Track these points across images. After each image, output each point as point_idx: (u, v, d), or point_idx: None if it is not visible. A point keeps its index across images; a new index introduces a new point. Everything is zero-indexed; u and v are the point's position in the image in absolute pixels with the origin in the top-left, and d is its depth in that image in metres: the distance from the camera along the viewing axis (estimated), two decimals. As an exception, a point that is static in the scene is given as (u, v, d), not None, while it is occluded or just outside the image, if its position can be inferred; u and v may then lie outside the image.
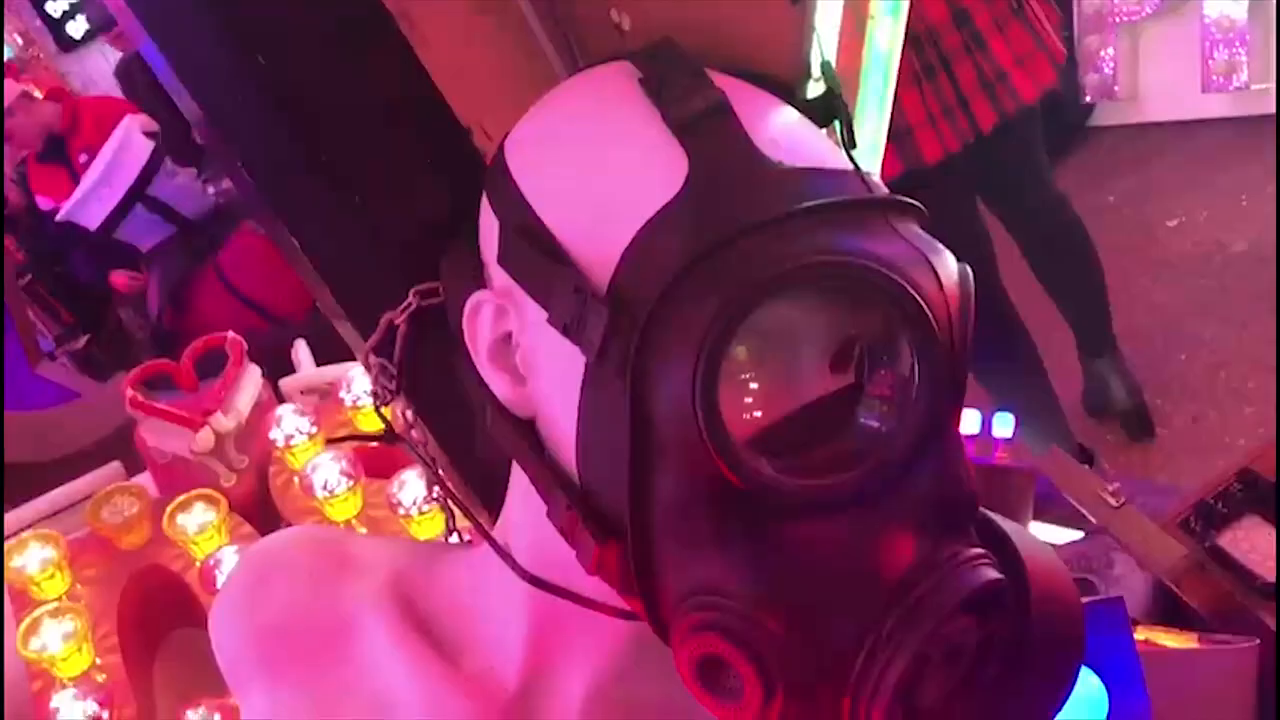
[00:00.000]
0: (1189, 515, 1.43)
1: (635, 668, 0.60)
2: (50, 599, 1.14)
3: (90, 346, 3.13)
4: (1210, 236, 2.92)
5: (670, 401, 0.47)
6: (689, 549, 0.48)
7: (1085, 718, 0.75)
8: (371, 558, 0.68)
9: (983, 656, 0.48)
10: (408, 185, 0.68)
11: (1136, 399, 2.44)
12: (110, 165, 2.51)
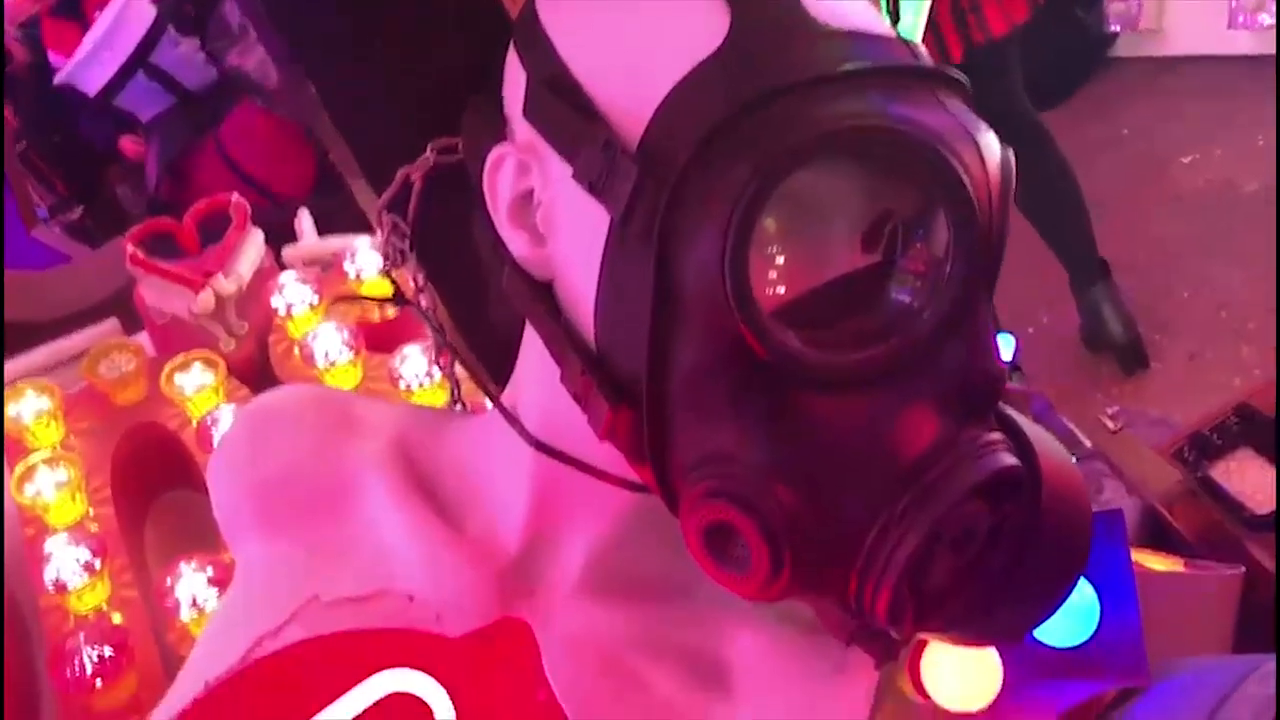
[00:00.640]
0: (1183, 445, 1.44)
1: (635, 540, 0.59)
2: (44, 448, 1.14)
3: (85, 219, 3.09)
4: (1223, 175, 2.88)
5: (697, 265, 0.45)
6: (705, 417, 0.47)
7: (1076, 624, 0.75)
8: (375, 418, 0.67)
9: (991, 544, 0.48)
10: (430, 37, 0.65)
11: (1131, 331, 2.43)
12: (112, 27, 2.45)
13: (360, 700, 0.60)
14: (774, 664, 0.56)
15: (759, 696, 0.55)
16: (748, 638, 0.57)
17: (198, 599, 0.92)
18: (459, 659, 0.60)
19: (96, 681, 0.89)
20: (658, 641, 0.57)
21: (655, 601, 0.59)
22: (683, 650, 0.57)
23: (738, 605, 0.59)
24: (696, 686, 0.56)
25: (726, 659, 0.57)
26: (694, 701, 0.55)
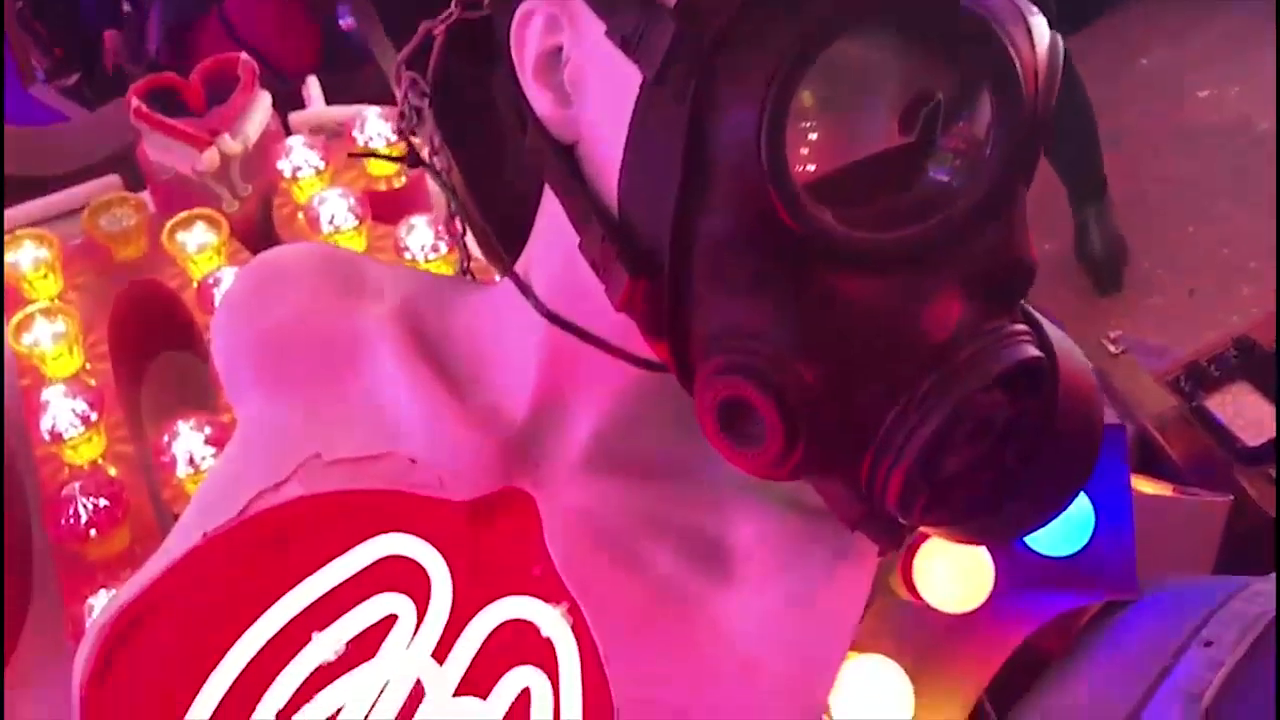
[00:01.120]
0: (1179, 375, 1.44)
1: (642, 418, 0.58)
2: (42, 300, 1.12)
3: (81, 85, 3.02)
4: (1238, 112, 2.84)
5: (732, 131, 0.43)
6: (728, 290, 0.46)
7: (1071, 535, 0.75)
8: (383, 281, 0.65)
9: (1006, 437, 0.47)
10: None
11: (1113, 252, 2.43)
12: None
13: (356, 562, 0.60)
14: (775, 548, 0.55)
15: (759, 580, 0.55)
16: (750, 522, 0.56)
17: (194, 457, 0.92)
18: (459, 525, 0.59)
19: (91, 531, 0.89)
20: (660, 521, 0.57)
21: (659, 481, 0.58)
22: (684, 531, 0.56)
23: (741, 489, 0.58)
24: (697, 568, 0.55)
25: (728, 542, 0.56)
26: (694, 582, 0.55)
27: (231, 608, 0.59)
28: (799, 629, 0.54)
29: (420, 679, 0.57)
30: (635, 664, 0.53)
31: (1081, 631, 0.75)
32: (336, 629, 0.59)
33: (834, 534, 0.55)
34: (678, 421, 0.58)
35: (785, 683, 0.54)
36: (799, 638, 0.54)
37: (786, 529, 0.56)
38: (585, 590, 0.54)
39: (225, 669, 0.58)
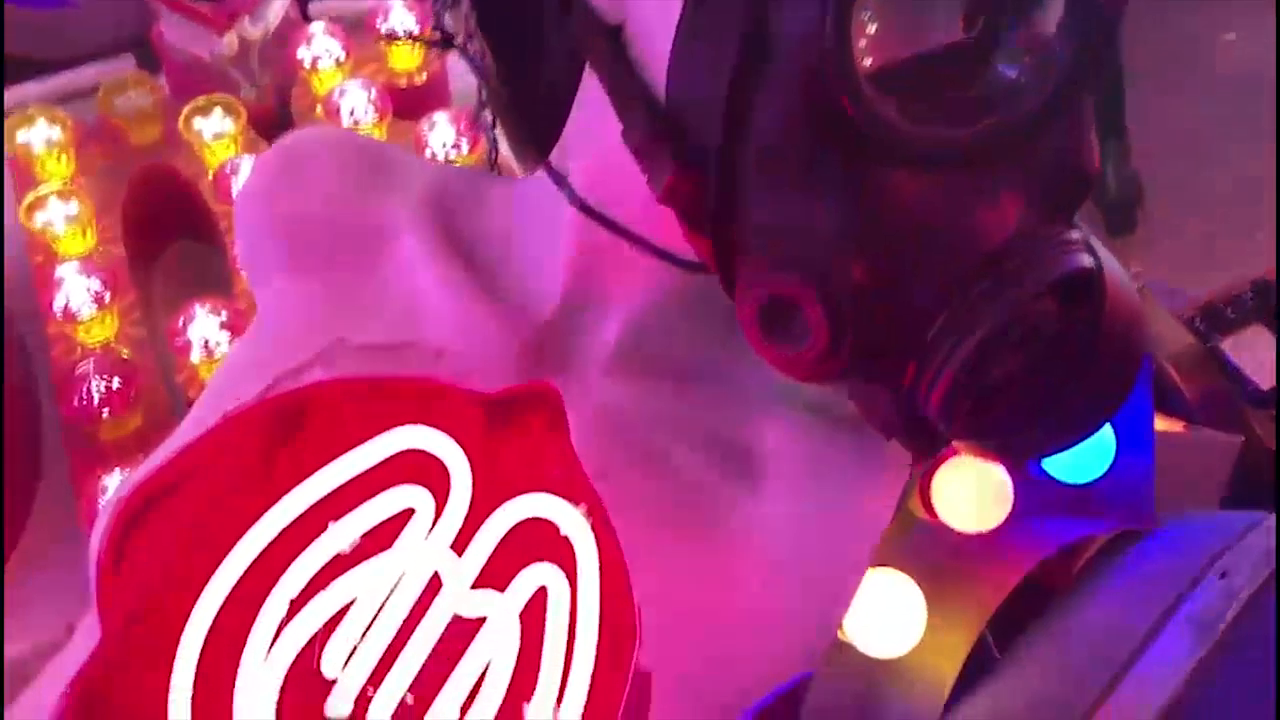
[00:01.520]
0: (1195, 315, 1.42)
1: (674, 320, 0.57)
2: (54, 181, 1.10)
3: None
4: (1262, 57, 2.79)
5: (794, 13, 0.41)
6: (779, 184, 0.44)
7: (1090, 461, 0.74)
8: (409, 171, 0.63)
9: (1053, 348, 0.46)
10: None
11: (1127, 193, 2.40)
12: None
13: (375, 453, 0.59)
14: (803, 455, 0.54)
15: (786, 486, 0.54)
16: (779, 429, 0.55)
17: (210, 342, 0.91)
18: (482, 419, 0.58)
19: (104, 412, 0.88)
20: (688, 425, 0.56)
21: (687, 384, 0.57)
22: (713, 436, 0.55)
23: (771, 396, 0.57)
24: (723, 472, 0.54)
25: (756, 449, 0.55)
26: (720, 486, 0.54)
27: (248, 492, 0.58)
28: (824, 536, 0.53)
29: (438, 571, 0.57)
30: (658, 565, 0.52)
31: (1092, 561, 0.74)
32: (353, 520, 0.58)
33: (864, 443, 0.54)
34: (710, 325, 0.56)
35: (808, 589, 0.53)
36: (824, 545, 0.53)
37: (816, 436, 0.55)
38: (610, 489, 0.53)
39: (239, 555, 0.57)
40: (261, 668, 0.56)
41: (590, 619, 0.55)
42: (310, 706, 0.55)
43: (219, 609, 0.56)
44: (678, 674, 0.51)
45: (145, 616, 0.55)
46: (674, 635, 0.51)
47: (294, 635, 0.56)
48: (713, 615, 0.52)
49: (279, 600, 0.57)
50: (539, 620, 0.56)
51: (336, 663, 0.56)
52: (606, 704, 0.51)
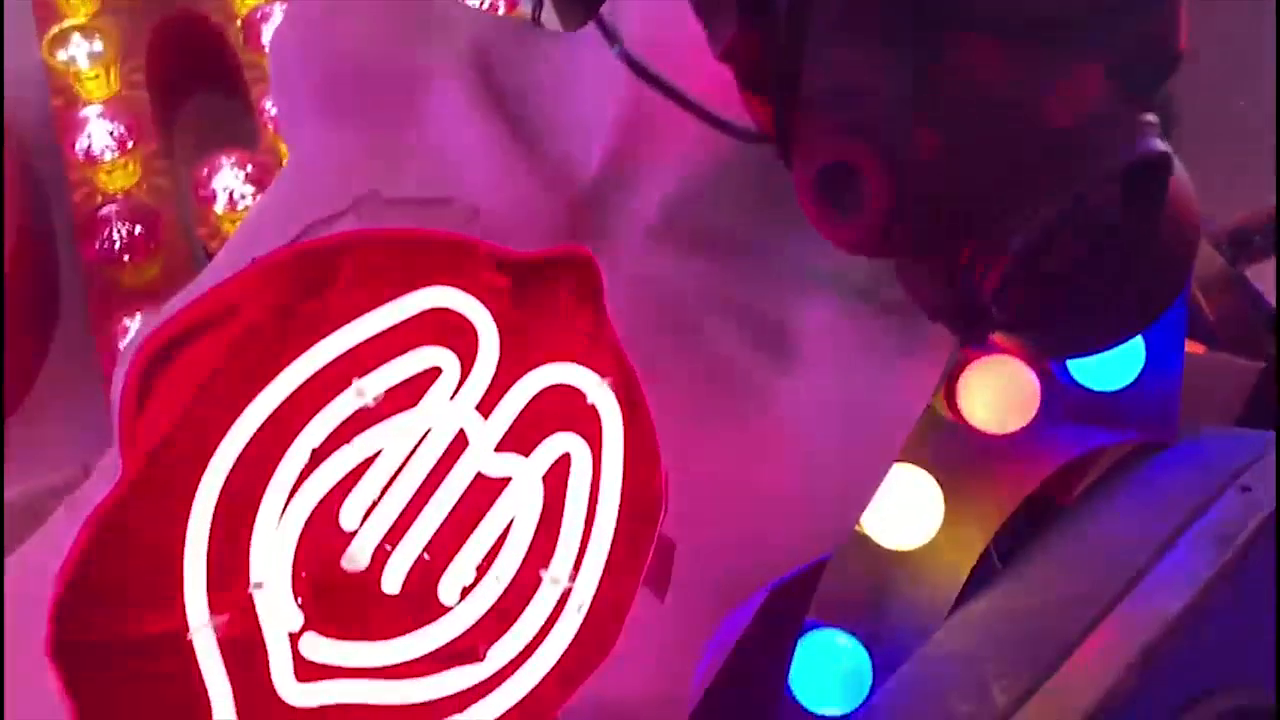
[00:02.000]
0: (1221, 241, 1.40)
1: (716, 191, 0.55)
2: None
3: None
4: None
5: None
6: (849, 44, 0.41)
7: (1119, 370, 0.73)
8: (454, 19, 0.61)
9: (1113, 239, 0.44)
10: None
11: (1162, 114, 2.34)
12: None
13: (403, 310, 0.57)
14: (842, 337, 0.53)
15: (822, 368, 0.52)
16: (819, 310, 0.54)
17: (234, 194, 0.88)
18: (515, 281, 0.56)
19: (125, 257, 0.86)
20: (725, 299, 0.54)
21: (728, 258, 0.55)
22: (750, 313, 0.54)
23: (813, 277, 0.55)
24: (759, 350, 0.53)
25: (793, 328, 0.54)
26: (754, 363, 0.53)
27: (274, 341, 0.57)
28: (857, 421, 0.52)
29: (463, 430, 0.56)
30: (688, 437, 0.51)
31: (1111, 471, 0.74)
32: (378, 376, 0.57)
33: (904, 329, 0.53)
34: (755, 199, 0.54)
35: (836, 473, 0.52)
36: (856, 430, 0.52)
37: (855, 319, 0.53)
38: (643, 359, 0.52)
39: (263, 402, 0.56)
40: (280, 516, 0.55)
41: (612, 489, 0.54)
42: (327, 557, 0.55)
43: (240, 454, 0.55)
44: (699, 546, 0.50)
45: (167, 456, 0.55)
46: (700, 508, 0.50)
47: (314, 486, 0.55)
48: (739, 492, 0.51)
49: (300, 450, 0.56)
50: (561, 487, 0.56)
51: (355, 516, 0.56)
52: (627, 571, 0.51)
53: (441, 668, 0.54)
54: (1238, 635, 0.61)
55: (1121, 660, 0.57)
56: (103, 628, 0.53)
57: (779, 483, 0.51)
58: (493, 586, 0.54)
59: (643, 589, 0.49)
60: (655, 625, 0.49)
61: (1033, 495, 0.69)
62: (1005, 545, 0.71)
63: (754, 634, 0.57)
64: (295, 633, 0.54)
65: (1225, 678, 0.60)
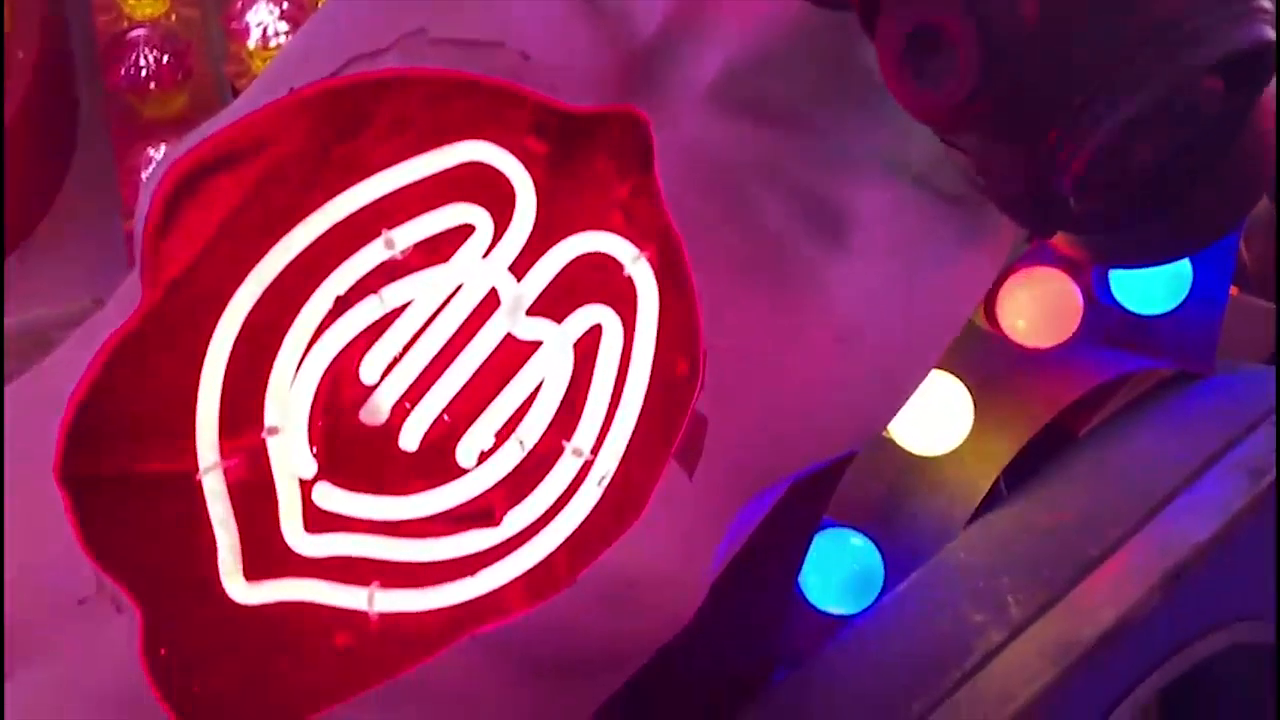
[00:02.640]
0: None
1: (782, 60, 0.51)
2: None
3: None
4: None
5: None
6: None
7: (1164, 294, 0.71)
8: None
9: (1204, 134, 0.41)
10: None
11: None
12: None
13: (440, 162, 0.54)
14: (899, 222, 0.50)
15: (875, 252, 0.50)
16: (876, 194, 0.51)
17: (268, 30, 0.84)
18: (561, 140, 0.54)
19: (151, 84, 0.83)
20: (779, 173, 0.51)
21: (787, 131, 0.52)
22: (805, 191, 0.51)
23: (873, 159, 0.52)
24: (810, 228, 0.50)
25: (848, 210, 0.51)
26: (804, 242, 0.50)
27: (303, 181, 0.54)
28: (904, 315, 0.50)
29: (495, 289, 0.54)
30: (728, 313, 0.48)
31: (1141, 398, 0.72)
32: (409, 228, 0.55)
33: (966, 221, 0.50)
34: (822, 72, 0.51)
35: (879, 365, 0.50)
36: (902, 324, 0.50)
37: (915, 205, 0.51)
38: (690, 228, 0.49)
39: (290, 241, 0.53)
40: (299, 362, 0.53)
41: (643, 364, 0.52)
42: (345, 408, 0.54)
43: (260, 296, 0.53)
44: (731, 427, 0.48)
45: (186, 290, 0.52)
46: (736, 388, 0.48)
47: (337, 334, 0.53)
48: (778, 375, 0.49)
49: (324, 297, 0.54)
50: (590, 359, 0.54)
51: (376, 369, 0.54)
52: (654, 446, 0.49)
53: (455, 529, 0.53)
54: (1261, 570, 0.60)
55: (1143, 582, 0.56)
56: (111, 463, 0.51)
57: (818, 370, 0.49)
58: (513, 452, 0.52)
59: (671, 464, 0.47)
60: (679, 502, 0.47)
61: (1049, 423, 0.68)
62: (1011, 474, 0.69)
63: (769, 528, 0.56)
64: (308, 480, 0.53)
65: (1244, 611, 0.59)
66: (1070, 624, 0.55)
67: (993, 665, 0.54)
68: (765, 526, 0.56)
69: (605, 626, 0.46)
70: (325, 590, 0.52)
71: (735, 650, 0.62)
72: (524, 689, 0.48)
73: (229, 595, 0.51)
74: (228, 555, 0.52)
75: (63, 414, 0.49)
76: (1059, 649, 0.54)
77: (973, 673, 0.54)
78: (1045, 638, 0.55)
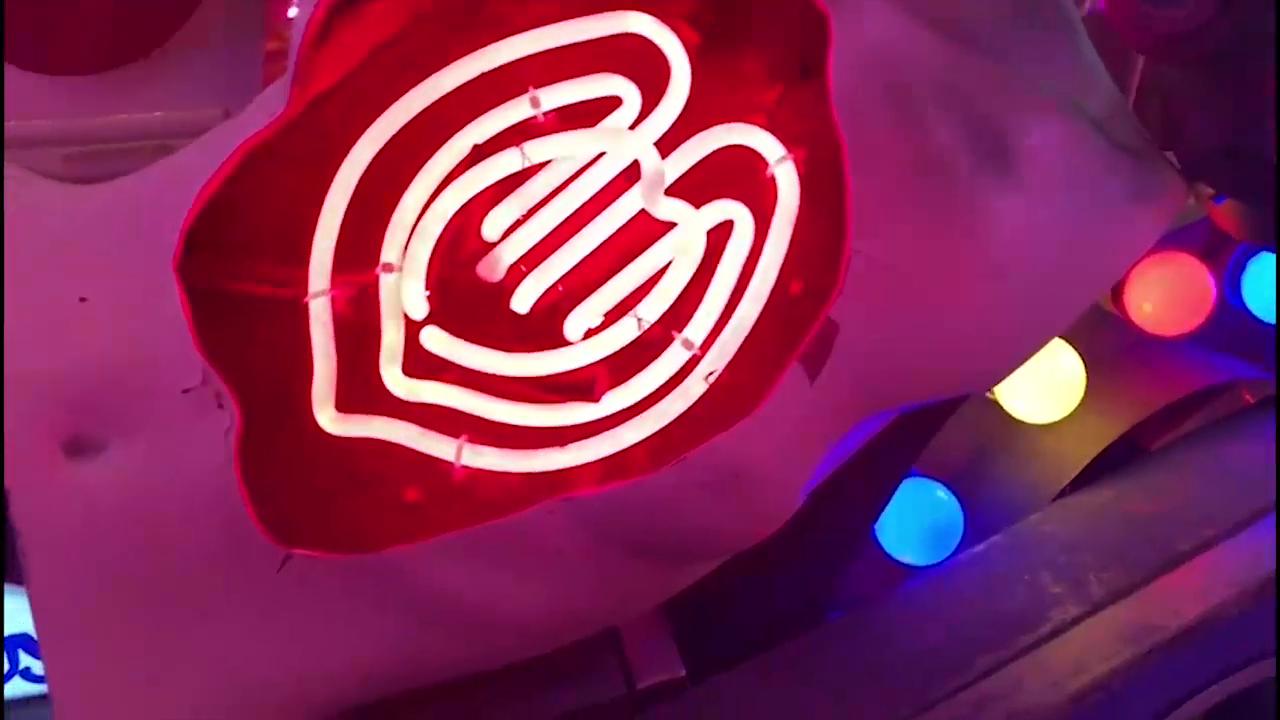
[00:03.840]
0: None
1: None
2: None
3: None
4: None
5: None
6: None
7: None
8: None
9: None
10: None
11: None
12: None
13: (597, 28, 0.53)
14: (1070, 164, 0.48)
15: (1041, 190, 0.48)
16: (1050, 130, 0.49)
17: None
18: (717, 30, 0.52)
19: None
20: (956, 95, 0.49)
21: (966, 50, 0.49)
22: (979, 114, 0.49)
23: (1052, 94, 0.50)
24: (978, 154, 0.48)
25: (1020, 143, 0.48)
26: (970, 166, 0.48)
27: (457, 23, 0.52)
28: (1064, 256, 0.48)
29: (638, 162, 0.52)
30: (884, 220, 0.47)
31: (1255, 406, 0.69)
32: (557, 90, 0.53)
33: (1138, 172, 0.48)
34: (1011, 1, 0.49)
35: (1025, 303, 0.48)
36: (1060, 267, 0.48)
37: (1088, 148, 0.48)
38: (855, 130, 0.47)
39: (435, 83, 0.52)
40: (425, 204, 0.52)
41: (768, 272, 0.51)
42: (464, 259, 0.53)
43: (399, 129, 0.52)
44: (861, 341, 0.47)
45: (328, 106, 0.51)
46: (873, 301, 0.47)
47: (469, 181, 0.52)
48: (920, 297, 0.47)
49: (461, 143, 0.52)
50: (715, 254, 0.52)
51: (499, 227, 0.53)
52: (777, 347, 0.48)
53: (552, 399, 0.52)
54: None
55: (1234, 585, 0.54)
56: (224, 273, 0.50)
57: (963, 299, 0.47)
58: (627, 329, 0.51)
59: (795, 365, 0.46)
60: (796, 405, 0.46)
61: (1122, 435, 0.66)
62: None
63: (859, 463, 0.54)
64: (417, 322, 0.52)
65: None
66: (1152, 612, 0.54)
67: (1068, 636, 0.52)
68: (856, 461, 0.54)
69: (701, 514, 0.45)
70: (415, 435, 0.51)
71: (797, 579, 0.61)
72: (603, 560, 0.47)
73: (317, 422, 0.51)
74: (322, 384, 0.51)
75: (188, 211, 0.48)
76: (1138, 632, 0.52)
77: (1046, 639, 0.53)
78: (1124, 621, 0.54)
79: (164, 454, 0.45)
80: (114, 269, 0.48)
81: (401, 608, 0.46)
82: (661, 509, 0.45)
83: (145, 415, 0.45)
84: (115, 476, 0.44)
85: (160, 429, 0.45)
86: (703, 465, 0.45)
